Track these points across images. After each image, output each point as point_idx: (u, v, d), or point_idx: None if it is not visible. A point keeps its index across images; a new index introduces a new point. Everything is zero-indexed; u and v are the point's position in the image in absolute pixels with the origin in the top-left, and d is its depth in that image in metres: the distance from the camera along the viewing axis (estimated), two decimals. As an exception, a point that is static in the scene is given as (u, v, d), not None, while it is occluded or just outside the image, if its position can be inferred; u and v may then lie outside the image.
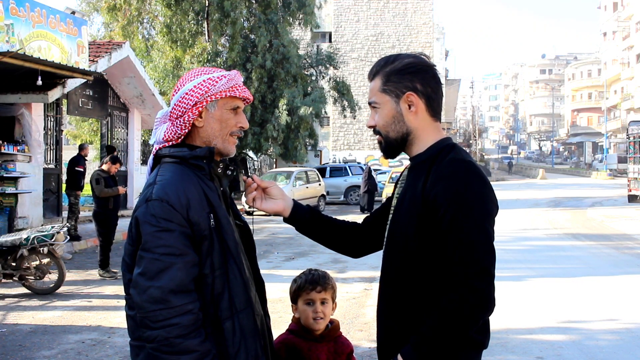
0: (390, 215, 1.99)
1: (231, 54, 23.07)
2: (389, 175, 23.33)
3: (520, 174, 56.87)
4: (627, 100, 53.75)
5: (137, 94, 17.87)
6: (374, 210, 2.24)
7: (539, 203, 24.19)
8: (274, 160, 29.87)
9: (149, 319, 1.74)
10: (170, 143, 1.97)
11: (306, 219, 2.18)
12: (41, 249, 7.71)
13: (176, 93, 1.97)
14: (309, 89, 25.18)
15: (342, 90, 27.44)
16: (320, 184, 22.79)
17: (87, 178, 11.82)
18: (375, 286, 8.16)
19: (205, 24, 23.85)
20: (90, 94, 15.82)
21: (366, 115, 41.07)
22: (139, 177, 18.36)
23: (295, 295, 2.42)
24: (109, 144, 16.82)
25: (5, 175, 11.67)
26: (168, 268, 1.76)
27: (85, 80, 13.24)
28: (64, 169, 15.89)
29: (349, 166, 26.91)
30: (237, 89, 1.98)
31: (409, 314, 1.84)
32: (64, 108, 15.28)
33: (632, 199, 22.85)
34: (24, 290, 7.96)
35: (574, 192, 29.59)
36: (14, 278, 7.78)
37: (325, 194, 23.19)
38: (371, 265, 9.47)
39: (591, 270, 9.65)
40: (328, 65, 27.10)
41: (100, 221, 9.24)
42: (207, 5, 23.12)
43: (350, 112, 27.90)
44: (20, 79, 11.77)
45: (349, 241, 2.22)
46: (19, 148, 12.38)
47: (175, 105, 1.96)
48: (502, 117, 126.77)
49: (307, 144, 25.98)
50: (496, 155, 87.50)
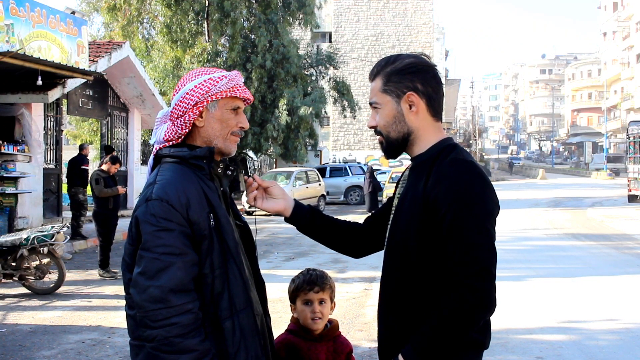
0: (392, 216, 1.99)
1: (231, 54, 23.07)
2: (389, 175, 23.32)
3: (520, 174, 56.89)
4: (627, 100, 53.75)
5: (137, 94, 17.87)
6: (377, 210, 2.23)
7: (539, 203, 24.19)
8: (274, 160, 29.88)
9: (149, 318, 1.75)
10: (171, 143, 1.97)
11: (307, 218, 2.17)
12: (41, 249, 7.71)
13: (177, 93, 1.98)
14: (309, 89, 25.19)
15: (342, 90, 27.44)
16: (320, 184, 22.79)
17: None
18: (375, 286, 8.16)
19: (205, 24, 23.85)
20: (90, 94, 15.82)
21: (366, 115, 41.07)
22: (139, 177, 18.36)
23: (293, 296, 2.42)
24: (109, 144, 16.82)
25: (5, 175, 11.67)
26: (168, 267, 1.76)
27: (85, 80, 13.25)
28: (64, 169, 15.90)
29: (349, 166, 26.93)
30: (238, 89, 1.98)
31: (410, 314, 1.84)
32: (64, 108, 15.29)
33: (632, 199, 22.86)
34: (24, 290, 7.96)
35: (574, 192, 29.59)
36: (14, 278, 7.78)
37: (325, 194, 23.19)
38: (371, 265, 9.47)
39: (591, 270, 9.65)
40: (328, 65, 27.10)
41: (100, 221, 9.24)
42: (207, 5, 23.12)
43: (350, 112, 27.91)
44: (20, 79, 11.77)
45: (350, 241, 2.22)
46: (19, 148, 12.39)
47: (176, 105, 1.96)
48: (502, 117, 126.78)
49: (307, 144, 25.99)
50: (496, 155, 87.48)
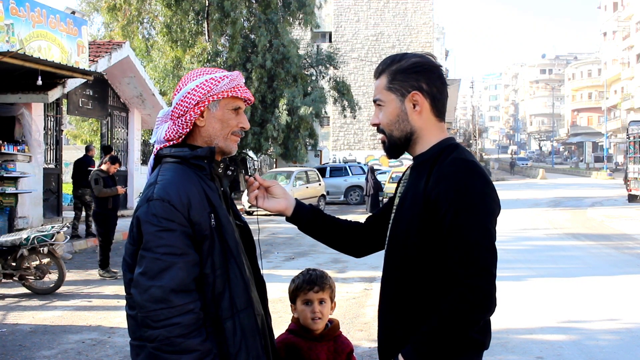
0: (392, 215, 1.99)
1: (231, 54, 23.07)
2: (389, 175, 23.32)
3: (521, 174, 56.89)
4: (627, 100, 53.76)
5: (137, 94, 17.87)
6: (378, 210, 2.23)
7: (539, 203, 24.19)
8: (274, 160, 29.88)
9: (150, 319, 1.75)
10: (171, 142, 1.97)
11: (308, 218, 2.17)
12: (41, 249, 7.71)
13: (178, 93, 1.98)
14: (309, 89, 25.19)
15: (342, 90, 27.44)
16: (320, 184, 22.79)
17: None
18: (376, 286, 8.16)
19: (205, 24, 23.85)
20: (90, 94, 15.82)
21: (366, 115, 41.10)
22: (139, 177, 18.37)
23: (293, 296, 2.42)
24: (109, 144, 16.82)
25: (5, 175, 11.67)
26: (169, 268, 1.76)
27: (85, 80, 13.25)
28: (64, 169, 15.87)
29: (349, 166, 26.92)
30: (239, 90, 1.98)
31: (410, 313, 1.84)
32: (64, 108, 15.29)
33: (632, 199, 22.87)
34: (24, 290, 7.96)
35: (574, 192, 29.60)
36: (14, 278, 7.78)
37: (325, 194, 23.18)
38: (371, 265, 9.47)
39: (591, 270, 9.65)
40: (328, 65, 27.10)
41: (100, 221, 9.25)
42: (207, 5, 23.13)
43: (350, 112, 27.90)
44: (20, 79, 11.77)
45: (351, 240, 2.21)
46: (19, 148, 12.39)
47: (177, 104, 1.96)
48: (502, 117, 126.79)
49: (307, 144, 25.98)
50: (496, 155, 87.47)
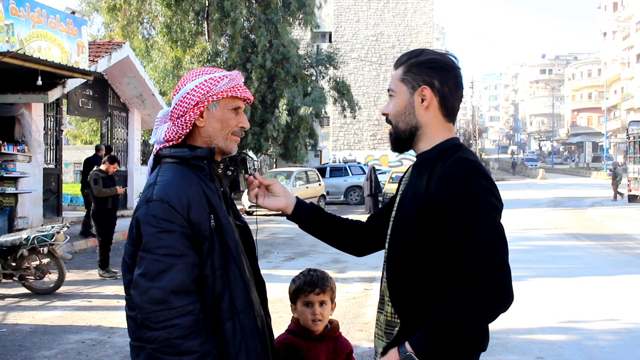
0: (393, 213, 1.98)
1: (231, 54, 23.08)
2: (389, 175, 23.32)
3: (521, 174, 56.88)
4: (627, 100, 53.75)
5: (137, 94, 17.87)
6: (379, 210, 2.21)
7: (539, 203, 24.19)
8: (274, 160, 29.88)
9: (150, 320, 1.74)
10: (171, 143, 1.97)
11: (309, 216, 2.16)
12: (41, 249, 7.71)
13: (177, 93, 1.97)
14: (309, 89, 25.19)
15: (342, 90, 27.44)
16: (320, 184, 22.79)
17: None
18: (375, 286, 8.16)
19: (205, 24, 23.85)
20: (90, 94, 15.83)
21: (366, 116, 41.16)
22: (138, 177, 18.36)
23: (294, 296, 2.41)
24: (109, 144, 16.82)
25: (5, 175, 11.67)
26: (169, 269, 1.76)
27: (85, 80, 13.26)
28: (64, 169, 15.88)
29: (349, 166, 26.91)
30: (239, 89, 1.98)
31: (410, 311, 1.83)
32: (64, 108, 15.29)
33: (632, 199, 22.87)
34: (24, 290, 7.96)
35: (574, 192, 29.60)
36: (14, 278, 7.78)
37: (325, 194, 23.18)
38: (371, 265, 9.47)
39: (591, 270, 9.65)
40: (328, 65, 27.11)
41: (99, 221, 9.24)
42: (207, 5, 23.13)
43: (350, 112, 27.91)
44: (20, 79, 11.77)
45: (352, 239, 2.20)
46: (19, 148, 12.39)
47: (176, 104, 1.95)
48: (502, 117, 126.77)
49: (307, 144, 25.99)
50: (496, 155, 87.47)
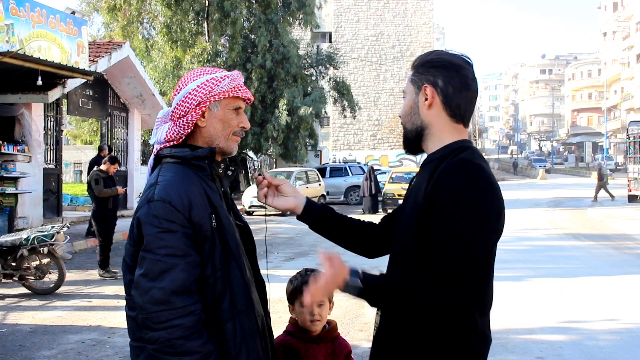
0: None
1: (231, 54, 23.08)
2: (389, 175, 23.32)
3: (521, 174, 56.87)
4: (627, 100, 53.76)
5: (137, 94, 17.87)
6: (392, 211, 2.16)
7: (539, 203, 24.19)
8: (274, 160, 29.89)
9: (151, 320, 1.74)
10: (172, 143, 1.96)
11: (319, 217, 2.12)
12: (41, 249, 7.71)
13: (178, 93, 1.96)
14: (309, 89, 25.19)
15: (342, 90, 27.45)
16: (320, 184, 22.78)
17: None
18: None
19: (205, 24, 23.85)
20: (90, 94, 15.82)
21: (366, 116, 41.18)
22: (139, 177, 18.36)
23: (291, 297, 2.40)
24: (109, 144, 16.83)
25: (5, 175, 11.67)
26: (170, 269, 1.75)
27: (85, 80, 13.25)
28: (64, 169, 15.89)
29: (349, 166, 26.90)
30: (240, 89, 1.98)
31: (407, 311, 1.82)
32: (64, 108, 15.29)
33: (632, 199, 22.88)
34: (24, 290, 7.96)
35: (574, 192, 29.61)
36: (14, 278, 7.78)
37: (325, 194, 23.17)
38: (371, 265, 9.45)
39: (591, 270, 9.65)
40: (328, 65, 27.11)
41: (99, 221, 9.25)
42: (207, 5, 23.13)
43: (350, 112, 27.91)
44: (20, 79, 11.77)
45: (363, 241, 2.15)
46: (19, 148, 12.39)
47: (177, 105, 1.95)
48: (502, 117, 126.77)
49: (307, 144, 25.98)
50: (496, 155, 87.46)
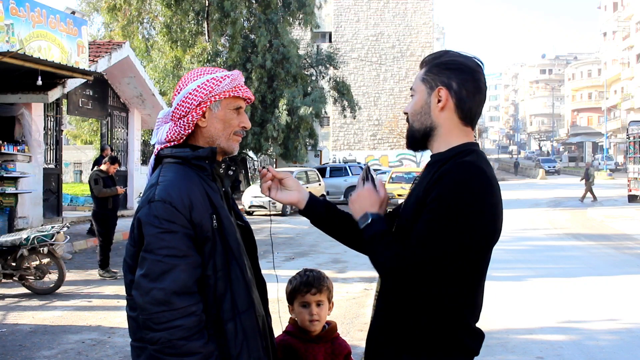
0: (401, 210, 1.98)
1: (231, 54, 23.08)
2: (389, 175, 23.33)
3: (521, 174, 56.89)
4: (627, 100, 53.76)
5: (137, 94, 17.86)
6: (393, 209, 2.16)
7: (539, 203, 24.20)
8: (274, 160, 29.89)
9: (152, 321, 1.74)
10: (173, 143, 1.96)
11: (322, 212, 2.12)
12: (41, 249, 7.71)
13: (178, 93, 1.96)
14: (309, 89, 25.19)
15: (342, 90, 27.45)
16: (320, 184, 22.78)
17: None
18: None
19: (205, 24, 23.85)
20: (90, 94, 15.82)
21: (366, 116, 41.18)
22: (139, 177, 18.36)
23: (290, 297, 2.40)
24: (109, 144, 16.83)
25: (5, 175, 11.67)
26: (171, 270, 1.75)
27: (85, 80, 13.25)
28: (64, 169, 15.90)
29: (349, 166, 26.90)
30: (240, 89, 1.97)
31: (403, 309, 1.82)
32: (64, 108, 15.29)
33: (632, 199, 22.88)
34: (24, 290, 7.96)
35: (574, 192, 29.56)
36: (14, 278, 7.78)
37: (325, 194, 23.17)
38: (371, 265, 9.44)
39: (591, 270, 9.66)
40: (328, 65, 27.11)
41: (99, 221, 9.25)
42: (207, 5, 23.13)
43: (350, 112, 27.91)
44: (20, 79, 11.77)
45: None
46: (19, 148, 12.39)
47: (178, 105, 1.94)
48: (502, 117, 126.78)
49: (307, 144, 25.99)
50: (496, 155, 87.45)
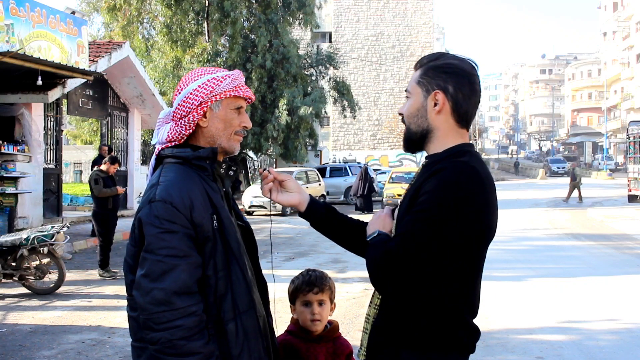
0: (396, 212, 1.99)
1: (231, 54, 23.08)
2: (389, 175, 23.32)
3: (521, 174, 56.90)
4: (627, 100, 53.75)
5: (137, 94, 17.86)
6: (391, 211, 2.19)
7: (539, 203, 24.20)
8: (274, 160, 29.89)
9: (153, 321, 1.74)
10: (173, 143, 1.96)
11: (322, 215, 2.13)
12: (41, 249, 7.71)
13: (179, 93, 1.96)
14: (309, 89, 25.20)
15: (342, 90, 27.45)
16: (320, 184, 22.79)
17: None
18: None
19: (205, 24, 23.86)
20: (90, 94, 15.82)
21: (366, 116, 41.18)
22: (139, 177, 18.36)
23: (292, 297, 2.41)
24: (109, 144, 16.83)
25: (5, 175, 11.67)
26: (171, 270, 1.75)
27: (85, 80, 13.25)
28: (64, 169, 15.93)
29: (349, 166, 26.91)
30: (241, 89, 1.98)
31: (403, 312, 1.83)
32: (64, 108, 15.28)
33: (632, 199, 22.88)
34: (24, 290, 7.96)
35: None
36: (14, 278, 7.78)
37: (325, 194, 23.18)
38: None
39: (591, 270, 9.66)
40: (328, 65, 27.11)
41: (100, 221, 9.25)
42: (207, 5, 23.13)
43: (350, 112, 27.91)
44: (20, 79, 11.77)
45: (363, 241, 2.15)
46: (19, 148, 12.39)
47: (179, 105, 1.95)
48: (502, 117, 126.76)
49: (307, 144, 25.99)
50: (496, 155, 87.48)
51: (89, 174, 12.83)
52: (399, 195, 19.66)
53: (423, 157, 2.01)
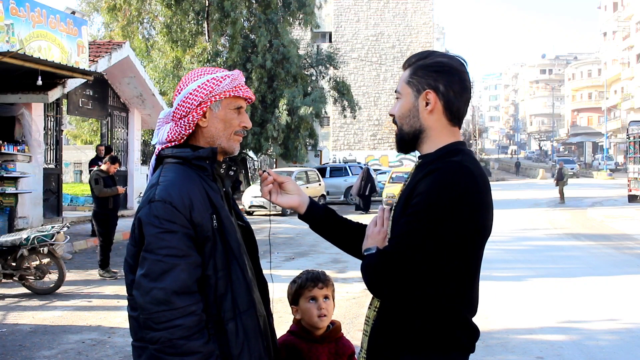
0: (392, 213, 1.98)
1: (231, 54, 23.08)
2: (389, 175, 23.32)
3: (521, 174, 56.94)
4: (627, 100, 53.76)
5: (137, 94, 17.86)
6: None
7: (539, 203, 24.21)
8: (274, 160, 29.90)
9: (153, 321, 1.74)
10: (173, 143, 1.96)
11: (321, 217, 2.13)
12: (41, 249, 7.71)
13: (179, 93, 1.97)
14: (309, 89, 25.21)
15: (342, 90, 27.45)
16: (320, 184, 22.79)
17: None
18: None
19: (205, 24, 23.86)
20: (90, 94, 15.82)
21: (366, 116, 41.19)
22: (139, 177, 18.36)
23: (296, 295, 2.40)
24: (109, 144, 16.83)
25: (5, 175, 11.67)
26: (171, 269, 1.76)
27: (85, 80, 13.25)
28: (64, 169, 15.95)
29: (349, 166, 26.91)
30: (241, 89, 1.98)
31: (401, 313, 1.83)
32: (64, 108, 15.28)
33: (632, 199, 22.89)
34: (24, 290, 7.96)
35: (574, 192, 29.57)
36: (14, 278, 7.78)
37: (325, 194, 23.18)
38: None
39: (591, 270, 9.66)
40: (328, 65, 27.11)
41: (100, 221, 9.25)
42: (207, 5, 23.13)
43: (350, 112, 27.91)
44: (20, 79, 11.77)
45: (361, 244, 2.20)
46: (19, 148, 12.39)
47: (178, 105, 1.95)
48: (502, 117, 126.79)
49: (307, 144, 25.99)
50: (496, 155, 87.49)
51: (88, 174, 12.87)
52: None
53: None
